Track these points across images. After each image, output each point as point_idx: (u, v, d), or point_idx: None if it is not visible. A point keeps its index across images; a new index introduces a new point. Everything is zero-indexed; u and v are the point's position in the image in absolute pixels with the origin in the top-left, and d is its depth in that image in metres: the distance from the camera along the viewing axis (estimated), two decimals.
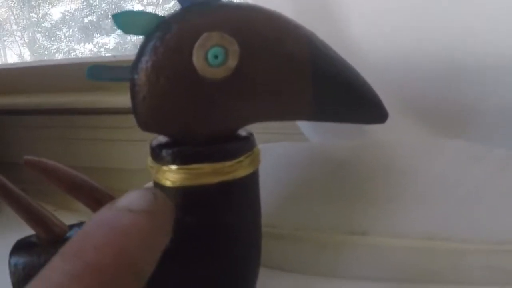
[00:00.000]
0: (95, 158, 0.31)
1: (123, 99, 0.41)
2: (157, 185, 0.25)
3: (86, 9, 0.90)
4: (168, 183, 0.24)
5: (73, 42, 0.89)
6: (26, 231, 0.34)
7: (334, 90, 0.24)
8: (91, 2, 0.89)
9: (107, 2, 0.90)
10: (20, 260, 0.27)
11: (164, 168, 0.24)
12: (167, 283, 0.25)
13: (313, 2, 0.32)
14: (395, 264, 0.28)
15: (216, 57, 0.22)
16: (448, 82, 0.31)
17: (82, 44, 0.89)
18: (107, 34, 0.91)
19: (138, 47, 0.24)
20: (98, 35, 0.90)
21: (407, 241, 0.28)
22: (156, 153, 0.24)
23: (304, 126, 0.35)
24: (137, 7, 0.91)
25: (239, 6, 0.23)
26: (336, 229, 0.29)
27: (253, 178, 0.25)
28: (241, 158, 0.24)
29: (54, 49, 0.88)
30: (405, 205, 0.29)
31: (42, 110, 0.45)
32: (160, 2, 0.91)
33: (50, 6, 0.88)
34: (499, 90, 0.30)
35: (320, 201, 0.30)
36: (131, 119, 0.40)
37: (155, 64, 0.23)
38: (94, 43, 0.91)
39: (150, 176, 0.31)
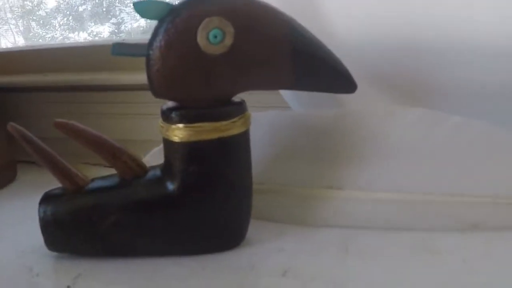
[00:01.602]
0: (111, 130, 0.39)
1: (134, 78, 0.50)
2: (167, 142, 0.33)
3: None
4: (176, 139, 0.32)
5: (67, 31, 0.96)
6: (35, 198, 0.42)
7: (309, 64, 0.32)
8: None
9: None
10: (48, 207, 0.34)
11: (173, 126, 0.32)
12: (174, 223, 0.33)
13: None
14: (366, 214, 0.36)
15: (215, 36, 0.30)
16: (409, 59, 0.39)
17: (76, 32, 0.96)
18: (102, 23, 0.98)
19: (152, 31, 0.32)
20: (93, 24, 0.97)
21: (376, 194, 0.36)
22: (166, 115, 0.32)
23: (289, 99, 0.44)
24: None
25: None
26: (315, 185, 0.37)
27: (245, 136, 0.33)
28: (235, 119, 0.32)
29: (48, 38, 0.96)
30: (374, 164, 0.37)
31: (62, 87, 0.53)
32: None
33: None
34: (452, 66, 0.39)
35: (302, 161, 0.38)
36: (141, 96, 0.49)
37: (167, 42, 0.31)
38: (88, 32, 0.98)
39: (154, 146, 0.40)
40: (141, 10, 0.31)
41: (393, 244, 0.35)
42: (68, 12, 0.99)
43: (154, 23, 0.32)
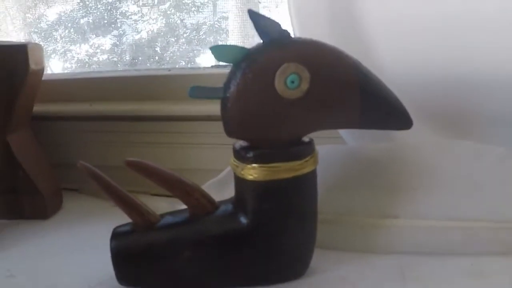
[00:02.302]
0: (155, 160, 0.40)
1: (178, 108, 0.52)
2: (240, 179, 0.35)
3: (82, 10, 0.98)
4: (250, 178, 0.34)
5: (69, 43, 0.97)
6: (89, 224, 0.44)
7: (375, 105, 0.35)
8: (87, 3, 0.97)
9: (103, 3, 0.97)
10: (121, 243, 0.36)
11: (248, 166, 0.34)
12: (246, 256, 0.35)
13: (347, 30, 0.43)
14: (420, 240, 0.39)
15: (293, 82, 0.32)
16: (456, 93, 0.42)
17: (78, 45, 0.96)
18: (103, 35, 0.99)
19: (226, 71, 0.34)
20: (94, 36, 0.98)
21: (429, 222, 0.39)
22: (241, 155, 0.34)
23: (343, 133, 0.46)
24: (133, 8, 0.99)
25: (306, 41, 0.34)
26: (372, 214, 0.40)
27: (314, 173, 0.35)
28: (307, 158, 0.34)
29: (50, 50, 0.96)
30: (426, 193, 0.39)
31: (101, 117, 0.55)
32: (156, 3, 0.99)
33: (46, 7, 0.95)
34: (497, 100, 0.42)
35: (358, 192, 0.40)
36: (186, 126, 0.50)
37: (245, 86, 0.33)
38: (90, 44, 0.99)
39: (205, 175, 0.42)
40: (218, 53, 0.33)
41: (445, 268, 0.37)
42: (69, 25, 0.99)
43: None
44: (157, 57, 1.01)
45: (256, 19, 0.33)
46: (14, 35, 0.98)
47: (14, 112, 0.48)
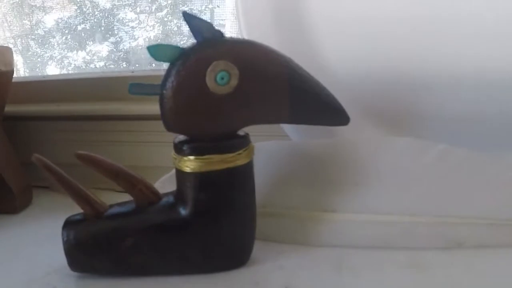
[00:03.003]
0: (119, 158, 0.44)
1: (142, 108, 0.56)
2: (179, 172, 0.38)
3: (79, 17, 1.02)
4: (187, 170, 0.37)
5: (66, 50, 1.02)
6: (58, 220, 0.47)
7: (304, 100, 0.37)
8: (84, 10, 1.01)
9: (100, 10, 1.02)
10: (71, 232, 0.40)
11: (185, 158, 0.37)
12: (187, 244, 0.38)
13: (294, 31, 0.47)
14: (359, 234, 0.42)
15: (222, 78, 0.36)
16: (398, 91, 0.45)
17: (75, 51, 1.01)
18: (100, 42, 1.04)
19: (166, 70, 0.37)
20: (91, 43, 1.03)
21: (367, 216, 0.42)
22: (179, 148, 0.38)
23: (288, 129, 0.49)
24: (130, 15, 1.04)
25: (237, 41, 0.37)
26: (312, 208, 0.42)
27: (249, 166, 0.38)
28: (241, 151, 0.37)
29: (47, 56, 1.01)
30: (366, 188, 0.42)
31: (74, 117, 0.59)
32: (153, 10, 1.04)
33: (44, 13, 1.00)
34: (437, 98, 0.45)
35: (299, 187, 0.43)
36: (148, 125, 0.54)
37: (178, 83, 0.36)
38: (87, 51, 1.03)
39: (164, 171, 0.45)
40: (154, 53, 0.37)
41: (383, 261, 0.40)
42: (66, 31, 1.04)
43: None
44: (154, 64, 1.05)
45: (190, 19, 0.36)
46: (11, 41, 1.03)
47: None
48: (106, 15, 1.06)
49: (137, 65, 1.06)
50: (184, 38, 1.08)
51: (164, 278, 0.39)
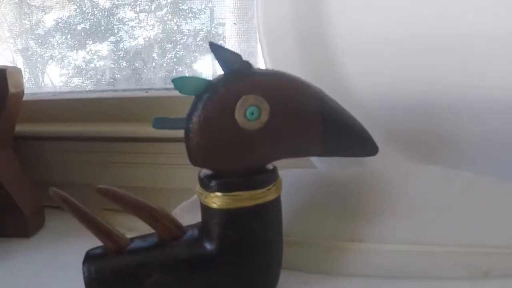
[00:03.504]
0: (131, 179, 0.42)
1: (151, 130, 0.54)
2: (204, 206, 0.37)
3: (79, 16, 1.00)
4: (214, 206, 0.36)
5: (66, 49, 0.99)
6: (71, 242, 0.46)
7: (337, 133, 0.36)
8: (84, 9, 0.99)
9: (100, 9, 1.00)
10: (92, 267, 0.38)
11: (212, 194, 0.36)
12: (212, 280, 0.37)
13: (317, 55, 0.45)
14: (385, 264, 0.40)
15: (252, 113, 0.34)
16: (425, 118, 0.44)
17: (75, 51, 0.99)
18: (100, 42, 1.01)
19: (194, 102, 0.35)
20: (91, 42, 1.00)
21: (395, 246, 0.40)
22: (205, 183, 0.36)
23: (313, 158, 0.48)
24: (130, 14, 1.01)
25: (266, 73, 0.35)
26: (338, 237, 0.41)
27: (278, 200, 0.37)
28: (270, 186, 0.36)
29: (47, 56, 0.98)
30: (392, 218, 0.41)
31: (80, 137, 0.57)
32: (153, 9, 1.01)
33: (43, 13, 0.98)
34: (465, 124, 0.43)
35: (326, 216, 0.42)
36: (162, 146, 0.52)
37: (206, 118, 0.34)
38: (87, 50, 1.01)
39: (181, 194, 0.44)
40: (180, 85, 0.35)
41: None
42: (66, 31, 1.01)
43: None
44: (154, 64, 1.03)
45: (217, 50, 0.34)
46: (11, 41, 1.00)
47: None
48: (106, 14, 1.03)
49: (137, 64, 1.04)
50: (184, 37, 1.06)
51: None
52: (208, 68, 1.04)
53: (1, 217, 0.53)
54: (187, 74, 0.51)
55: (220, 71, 0.36)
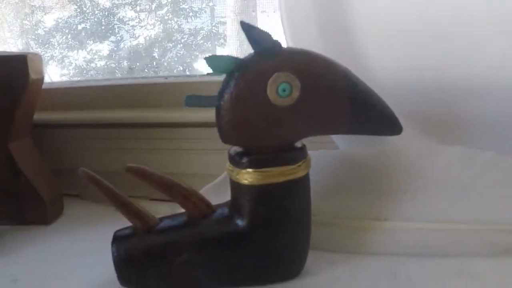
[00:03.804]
0: (153, 165, 0.42)
1: (175, 115, 0.54)
2: (235, 184, 0.37)
3: (79, 16, 1.00)
4: (245, 182, 0.36)
5: (66, 49, 0.99)
6: (90, 229, 0.46)
7: (364, 111, 0.36)
8: (84, 9, 0.99)
9: (100, 9, 0.99)
10: (122, 247, 0.38)
11: (243, 171, 0.36)
12: (242, 257, 0.37)
13: (338, 37, 0.45)
14: (409, 242, 0.41)
15: (284, 90, 0.34)
16: (445, 98, 0.44)
17: (75, 51, 0.99)
18: (101, 41, 1.01)
19: (222, 80, 0.36)
20: (92, 42, 1.00)
21: (418, 224, 0.41)
22: (236, 160, 0.36)
23: (336, 138, 0.48)
24: (130, 14, 1.01)
25: (296, 51, 0.36)
26: (363, 217, 0.42)
27: (307, 178, 0.37)
28: (300, 163, 0.36)
29: (48, 56, 0.98)
30: (416, 196, 0.41)
31: (99, 124, 0.57)
32: (153, 9, 1.02)
33: (43, 13, 0.97)
34: (487, 104, 0.44)
35: (350, 195, 0.42)
36: (181, 132, 0.52)
37: (238, 95, 0.35)
38: (88, 50, 1.01)
39: (200, 180, 0.44)
40: (212, 64, 0.35)
41: (436, 270, 0.39)
42: (67, 31, 1.01)
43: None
44: (154, 63, 1.03)
45: (248, 29, 0.35)
46: (11, 42, 1.00)
47: (15, 121, 0.50)
48: (106, 14, 1.03)
49: (137, 64, 1.04)
50: (185, 36, 1.06)
51: None
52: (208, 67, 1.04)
53: (20, 204, 0.52)
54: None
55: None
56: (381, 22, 0.45)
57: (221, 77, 0.37)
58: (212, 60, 0.35)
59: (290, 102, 0.35)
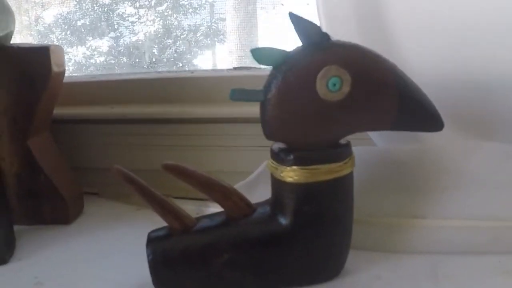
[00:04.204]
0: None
1: (198, 111, 0.52)
2: (278, 181, 0.35)
3: (78, 12, 0.97)
4: (290, 180, 0.34)
5: (66, 45, 0.96)
6: (112, 229, 0.43)
7: (412, 107, 0.35)
8: (84, 5, 0.96)
9: (100, 5, 0.97)
10: (158, 248, 0.36)
11: (288, 168, 0.34)
12: (285, 257, 0.35)
13: (377, 34, 0.44)
14: (448, 240, 0.40)
15: (334, 85, 0.32)
16: (482, 95, 0.43)
17: (75, 47, 0.95)
18: (100, 37, 0.98)
19: (269, 74, 0.33)
20: (91, 38, 0.97)
21: (457, 222, 0.40)
22: (281, 157, 0.34)
23: (372, 133, 0.46)
24: (129, 10, 0.99)
25: (346, 45, 0.34)
26: (401, 215, 0.40)
27: (351, 175, 0.36)
28: (346, 160, 0.34)
29: None
30: (453, 194, 0.40)
31: (122, 120, 0.54)
32: (153, 5, 0.99)
33: (43, 9, 0.94)
34: None
35: (388, 193, 0.41)
36: (206, 128, 0.50)
37: (286, 89, 0.33)
38: (87, 46, 0.98)
39: (227, 177, 0.42)
40: (258, 56, 0.33)
41: (477, 268, 0.38)
42: (66, 27, 0.98)
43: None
44: (154, 59, 1.00)
45: (297, 21, 0.33)
46: None
47: (35, 115, 0.48)
48: (106, 10, 1.00)
49: (137, 60, 1.01)
50: (185, 33, 1.04)
51: None
52: (208, 63, 1.02)
53: (40, 203, 0.49)
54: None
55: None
56: (417, 14, 0.43)
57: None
58: (258, 52, 0.33)
59: (340, 97, 0.33)
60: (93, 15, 0.98)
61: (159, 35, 1.00)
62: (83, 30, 0.98)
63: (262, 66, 0.34)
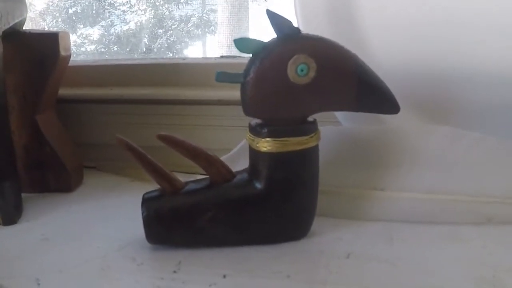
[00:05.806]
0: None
1: (192, 93, 0.63)
2: (255, 151, 0.46)
3: (70, 0, 1.07)
4: (264, 150, 0.45)
5: None
6: (110, 197, 0.54)
7: (369, 92, 0.46)
8: None
9: None
10: (152, 207, 0.46)
11: (263, 140, 0.45)
12: (260, 217, 0.46)
13: (345, 27, 0.55)
14: (404, 210, 0.51)
15: (302, 70, 0.43)
16: (439, 84, 0.54)
17: None
18: (91, 26, 1.09)
19: (248, 60, 0.45)
20: (82, 26, 1.07)
21: (411, 194, 0.51)
22: (257, 130, 0.45)
23: (339, 115, 0.58)
24: None
25: (313, 37, 0.45)
26: (363, 186, 0.51)
27: (317, 147, 0.47)
28: (312, 134, 0.45)
29: None
30: (409, 170, 0.51)
31: (120, 100, 0.66)
32: None
33: None
34: (477, 91, 0.54)
35: (352, 167, 0.52)
36: (198, 109, 0.62)
37: (262, 73, 0.44)
38: (78, 34, 1.08)
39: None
40: (240, 45, 0.44)
41: (427, 234, 0.49)
42: (57, 14, 1.08)
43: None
44: (144, 48, 1.11)
45: (273, 17, 0.44)
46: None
47: (43, 94, 0.59)
48: None
49: (127, 49, 1.11)
50: (176, 23, 1.14)
51: (238, 248, 0.46)
52: (199, 53, 1.12)
53: (45, 173, 0.61)
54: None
55: None
56: (384, 8, 0.54)
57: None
58: (240, 42, 0.44)
59: (307, 81, 0.44)
60: (85, 3, 1.09)
61: (150, 24, 1.11)
62: (74, 18, 1.08)
63: (246, 55, 0.46)
